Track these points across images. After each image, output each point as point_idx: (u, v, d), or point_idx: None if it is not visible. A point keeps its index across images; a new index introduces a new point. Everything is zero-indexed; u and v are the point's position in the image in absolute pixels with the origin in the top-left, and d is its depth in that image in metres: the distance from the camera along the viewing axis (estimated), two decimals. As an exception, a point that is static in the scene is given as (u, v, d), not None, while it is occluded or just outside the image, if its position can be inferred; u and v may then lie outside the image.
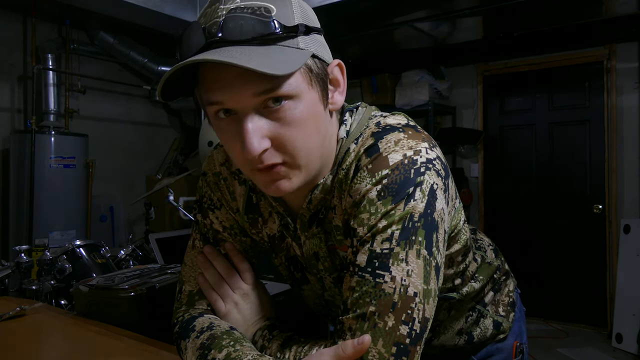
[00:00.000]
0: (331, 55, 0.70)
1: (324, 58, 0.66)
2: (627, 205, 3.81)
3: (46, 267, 1.68)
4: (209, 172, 0.86)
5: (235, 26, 0.59)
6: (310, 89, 0.64)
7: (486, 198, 4.48)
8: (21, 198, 3.41)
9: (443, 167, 0.67)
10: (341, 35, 3.40)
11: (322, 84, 0.66)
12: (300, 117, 0.63)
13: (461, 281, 0.85)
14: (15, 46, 3.75)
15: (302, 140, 0.64)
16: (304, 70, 0.63)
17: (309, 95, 0.63)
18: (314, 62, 0.64)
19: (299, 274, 0.84)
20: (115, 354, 0.86)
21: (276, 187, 0.66)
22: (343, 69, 0.70)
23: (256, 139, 0.61)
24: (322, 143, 0.68)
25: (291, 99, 0.62)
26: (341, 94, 0.70)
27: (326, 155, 0.70)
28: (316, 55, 0.64)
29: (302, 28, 0.62)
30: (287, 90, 0.61)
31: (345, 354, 0.58)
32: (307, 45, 0.63)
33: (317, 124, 0.65)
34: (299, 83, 0.62)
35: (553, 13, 3.13)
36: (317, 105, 0.65)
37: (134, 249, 2.21)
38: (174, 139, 5.03)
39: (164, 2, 2.92)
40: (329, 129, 0.70)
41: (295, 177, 0.66)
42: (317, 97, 0.65)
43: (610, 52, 3.84)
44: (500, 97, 4.43)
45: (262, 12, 0.60)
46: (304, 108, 0.63)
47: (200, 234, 0.85)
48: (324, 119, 0.67)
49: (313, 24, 0.66)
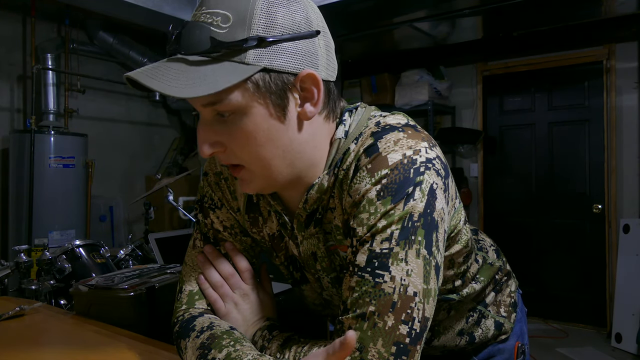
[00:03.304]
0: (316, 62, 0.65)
1: (285, 69, 0.63)
2: (626, 205, 3.81)
3: (45, 267, 1.68)
4: (210, 172, 0.86)
5: (186, 40, 0.62)
6: (257, 104, 0.63)
7: (485, 198, 4.49)
8: (20, 198, 3.41)
9: (443, 166, 0.67)
10: (341, 35, 3.40)
11: (277, 97, 0.64)
12: (246, 130, 0.64)
13: (461, 282, 0.85)
14: (14, 46, 3.75)
15: (251, 152, 0.66)
16: (250, 85, 0.62)
17: (256, 110, 0.64)
18: (265, 76, 0.62)
19: (298, 274, 0.84)
20: (115, 353, 0.86)
21: (241, 185, 0.71)
22: (316, 79, 0.65)
23: (205, 145, 0.67)
24: (284, 153, 0.67)
25: (234, 113, 0.64)
26: (314, 104, 0.67)
27: (306, 159, 0.70)
28: (270, 68, 0.62)
29: (254, 42, 0.60)
30: (227, 106, 0.63)
31: (334, 352, 0.58)
32: (258, 59, 0.61)
33: (270, 136, 0.65)
34: (241, 98, 0.63)
35: (552, 13, 3.13)
36: (266, 119, 0.64)
37: (133, 249, 2.21)
38: (173, 138, 5.03)
39: (163, 2, 2.91)
40: (298, 138, 0.68)
41: (254, 183, 0.70)
42: (266, 112, 0.64)
43: (609, 52, 3.84)
44: (499, 97, 4.44)
45: (218, 23, 0.61)
46: (250, 122, 0.64)
47: (201, 234, 0.85)
48: (282, 131, 0.66)
49: (281, 35, 0.62)
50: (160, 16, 2.95)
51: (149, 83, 0.60)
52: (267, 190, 0.74)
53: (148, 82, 0.60)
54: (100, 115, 4.32)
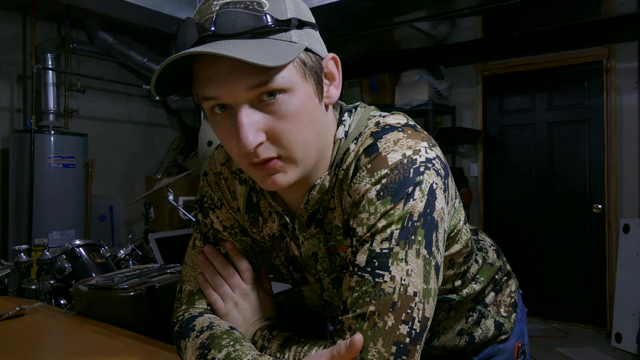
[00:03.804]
0: (326, 49, 0.70)
1: (317, 52, 0.66)
2: (626, 205, 3.81)
3: (45, 267, 1.68)
4: (210, 172, 0.86)
5: (228, 20, 0.59)
6: (304, 82, 0.64)
7: (485, 198, 4.48)
8: (20, 198, 3.41)
9: (443, 166, 0.67)
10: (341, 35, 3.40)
11: (317, 78, 0.66)
12: (294, 110, 0.63)
13: (461, 283, 0.84)
14: (14, 46, 3.75)
15: (297, 134, 0.64)
16: (298, 64, 0.63)
17: (303, 88, 0.64)
18: (308, 55, 0.64)
19: (298, 275, 0.84)
20: (114, 353, 0.86)
21: (272, 181, 0.66)
22: (338, 62, 0.69)
23: (251, 133, 0.61)
24: (318, 137, 0.68)
25: (285, 92, 0.62)
26: (336, 87, 0.70)
27: (322, 151, 0.70)
28: (310, 48, 0.64)
29: (295, 22, 0.63)
30: (280, 83, 0.61)
31: (339, 355, 0.59)
32: (300, 38, 0.63)
33: (312, 117, 0.66)
34: (292, 76, 0.62)
35: (552, 13, 3.13)
36: (311, 98, 0.65)
37: (133, 249, 2.21)
38: (173, 138, 5.03)
39: (163, 2, 2.91)
40: (324, 123, 0.70)
41: (291, 171, 0.66)
42: (311, 90, 0.65)
43: (609, 51, 3.84)
44: (499, 97, 4.43)
45: (254, 6, 0.60)
46: (298, 101, 0.63)
47: (200, 234, 0.85)
48: (319, 112, 0.67)
49: (307, 19, 0.66)
50: (160, 16, 2.95)
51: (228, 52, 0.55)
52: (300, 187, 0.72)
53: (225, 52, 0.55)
54: (100, 115, 4.32)
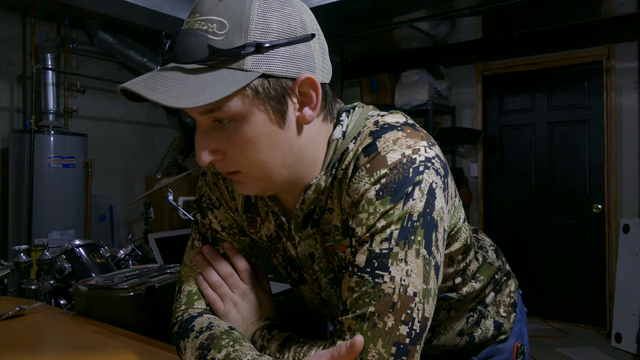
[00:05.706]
0: (313, 64, 0.65)
1: (284, 74, 0.62)
2: (626, 205, 3.81)
3: (45, 267, 1.68)
4: (208, 172, 0.86)
5: (182, 49, 0.61)
6: (257, 110, 0.63)
7: (485, 197, 4.49)
8: (20, 198, 3.41)
9: (442, 165, 0.66)
10: (341, 35, 3.40)
11: (277, 102, 0.64)
12: (246, 136, 0.64)
13: (461, 280, 0.84)
14: (14, 46, 3.75)
15: (252, 158, 0.66)
16: (250, 92, 0.62)
17: (255, 116, 0.63)
18: (264, 82, 0.62)
19: (295, 274, 0.84)
20: (114, 353, 0.86)
21: (239, 188, 0.70)
22: (314, 83, 0.65)
23: (204, 152, 0.65)
24: (284, 157, 0.67)
25: (234, 120, 0.63)
26: (313, 108, 0.66)
27: (305, 162, 0.70)
28: (269, 74, 0.62)
29: (251, 48, 0.60)
30: (226, 113, 0.62)
31: (340, 356, 0.59)
32: (256, 65, 0.60)
33: (271, 142, 0.65)
34: (240, 105, 0.62)
35: (552, 13, 3.13)
36: (266, 125, 0.64)
37: (133, 249, 2.22)
38: (173, 138, 5.03)
39: (163, 2, 2.91)
40: (298, 141, 0.68)
41: (254, 185, 0.70)
42: (267, 118, 0.64)
43: (609, 51, 3.84)
44: (499, 97, 4.43)
45: (214, 30, 0.60)
46: (250, 128, 0.63)
47: (199, 234, 0.85)
48: (283, 136, 0.66)
49: (276, 40, 0.61)
50: (160, 16, 2.95)
51: (147, 94, 0.58)
52: (265, 192, 0.74)
53: (145, 93, 0.58)
54: (100, 115, 4.32)
